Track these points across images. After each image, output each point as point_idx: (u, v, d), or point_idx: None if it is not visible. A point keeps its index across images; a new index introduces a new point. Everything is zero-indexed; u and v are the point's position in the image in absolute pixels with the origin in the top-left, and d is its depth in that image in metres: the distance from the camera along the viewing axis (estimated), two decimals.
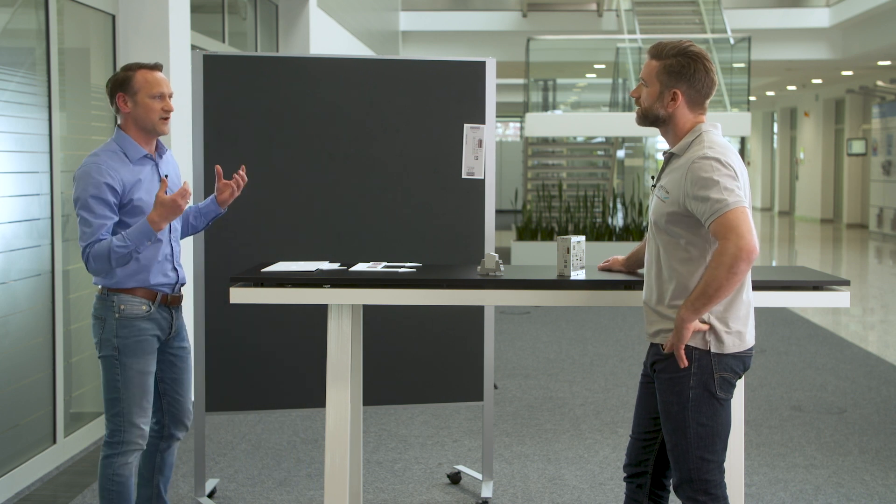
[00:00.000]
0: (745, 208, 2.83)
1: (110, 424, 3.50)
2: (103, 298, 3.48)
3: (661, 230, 2.98)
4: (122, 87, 3.47)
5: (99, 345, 3.49)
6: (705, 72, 2.97)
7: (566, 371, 7.16)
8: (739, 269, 2.79)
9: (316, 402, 4.37)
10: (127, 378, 3.47)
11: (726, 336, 2.92)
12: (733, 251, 2.78)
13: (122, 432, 3.49)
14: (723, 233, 2.80)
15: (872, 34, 16.02)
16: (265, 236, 4.33)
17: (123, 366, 3.47)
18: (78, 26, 5.32)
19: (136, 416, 3.50)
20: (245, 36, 8.31)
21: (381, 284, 3.46)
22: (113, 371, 3.47)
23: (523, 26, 17.71)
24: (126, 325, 3.47)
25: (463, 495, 4.56)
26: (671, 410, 2.96)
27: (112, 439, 3.51)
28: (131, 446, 3.51)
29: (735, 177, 2.85)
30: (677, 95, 2.97)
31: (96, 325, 3.50)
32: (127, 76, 3.48)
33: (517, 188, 19.29)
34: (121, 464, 3.50)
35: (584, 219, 13.73)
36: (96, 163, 3.40)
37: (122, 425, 3.49)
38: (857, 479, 4.79)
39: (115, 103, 3.50)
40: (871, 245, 17.62)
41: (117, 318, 3.46)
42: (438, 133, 4.41)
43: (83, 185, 3.37)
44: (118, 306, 3.46)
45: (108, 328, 3.47)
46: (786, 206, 26.48)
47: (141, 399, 3.52)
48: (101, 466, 3.52)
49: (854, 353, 7.83)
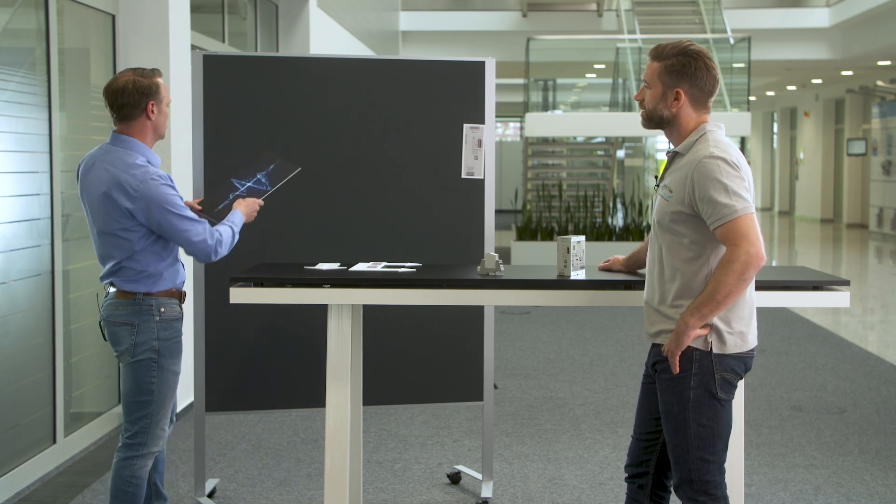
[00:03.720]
0: (753, 214, 2.84)
1: (134, 427, 3.49)
2: (136, 303, 3.45)
3: (664, 229, 2.98)
4: (153, 94, 3.44)
5: (132, 349, 3.45)
6: (706, 70, 2.97)
7: (566, 371, 7.16)
8: (748, 275, 2.81)
9: (316, 402, 4.37)
10: (162, 380, 3.49)
11: (728, 336, 2.92)
12: (744, 258, 2.79)
13: (146, 434, 3.50)
14: (732, 239, 2.80)
15: (872, 34, 16.02)
16: (265, 236, 4.33)
17: (161, 368, 3.48)
18: (78, 26, 5.32)
19: (163, 420, 3.53)
20: (245, 36, 8.31)
21: (381, 284, 3.46)
22: (148, 374, 3.46)
23: (523, 26, 17.70)
24: (166, 327, 3.49)
25: (463, 495, 4.56)
26: (672, 411, 2.96)
27: (134, 441, 3.50)
28: (153, 449, 3.53)
29: (742, 178, 2.86)
30: (680, 95, 2.97)
31: (125, 330, 3.45)
32: (154, 84, 3.44)
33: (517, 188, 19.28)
34: (140, 466, 3.50)
35: (584, 219, 13.73)
36: (156, 176, 3.38)
37: (148, 427, 3.50)
38: (857, 479, 4.79)
39: (142, 111, 3.43)
40: (871, 245, 17.62)
41: (158, 321, 3.46)
42: (438, 133, 4.41)
43: (163, 193, 3.36)
44: (157, 309, 3.46)
45: (146, 331, 3.45)
46: (786, 206, 26.48)
47: (170, 402, 3.55)
48: (118, 467, 3.50)
49: (854, 353, 7.83)
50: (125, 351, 3.47)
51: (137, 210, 3.36)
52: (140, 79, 3.42)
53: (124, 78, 3.43)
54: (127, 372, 3.50)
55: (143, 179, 3.36)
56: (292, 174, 3.88)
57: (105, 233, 3.42)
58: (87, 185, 3.46)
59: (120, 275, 3.45)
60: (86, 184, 3.47)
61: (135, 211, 3.36)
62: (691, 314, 2.86)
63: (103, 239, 3.45)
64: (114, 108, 3.44)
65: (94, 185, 3.42)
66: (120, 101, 3.42)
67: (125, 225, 3.38)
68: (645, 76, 3.04)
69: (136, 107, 3.42)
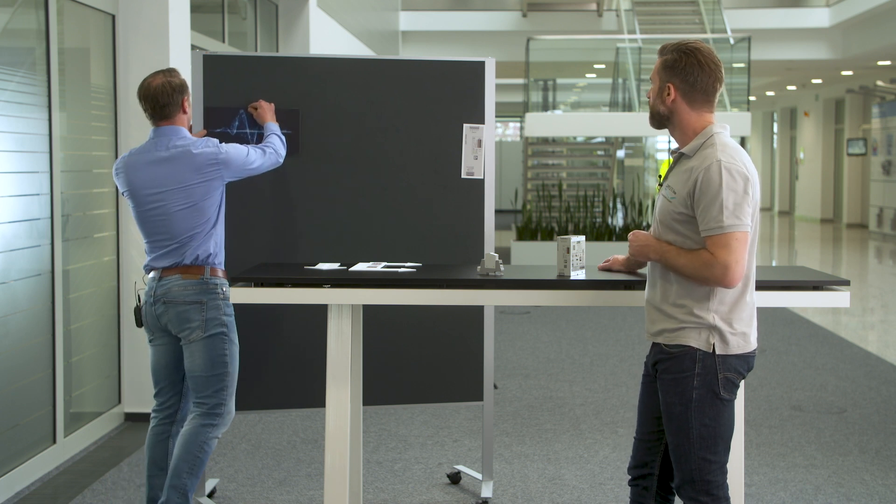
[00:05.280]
0: (746, 233, 2.84)
1: (213, 399, 3.78)
2: (203, 283, 3.75)
3: (666, 229, 2.98)
4: (186, 90, 3.81)
5: (204, 325, 3.74)
6: (698, 66, 2.95)
7: (566, 371, 7.17)
8: (710, 284, 2.87)
9: (316, 402, 4.37)
10: (232, 353, 3.82)
11: (731, 337, 2.92)
12: (720, 273, 2.82)
13: (224, 405, 3.80)
14: (718, 252, 2.82)
15: (872, 34, 16.03)
16: (265, 236, 4.33)
17: (231, 342, 3.82)
18: (78, 26, 5.32)
19: (234, 393, 3.85)
20: (245, 36, 8.31)
21: (381, 284, 3.46)
22: (222, 347, 3.78)
23: (523, 26, 17.70)
24: (228, 304, 3.82)
25: (463, 495, 4.56)
26: (674, 411, 2.95)
27: (214, 411, 3.78)
28: (227, 420, 3.82)
29: (745, 190, 2.84)
30: (671, 90, 2.97)
31: (194, 309, 3.74)
32: (183, 81, 3.82)
33: (517, 188, 19.27)
34: (213, 436, 3.79)
35: (584, 219, 13.73)
36: (213, 141, 3.80)
37: (225, 399, 3.80)
38: (857, 479, 4.79)
39: (179, 107, 3.78)
40: (871, 245, 17.62)
41: (223, 299, 3.79)
42: (438, 133, 4.41)
43: (235, 153, 3.79)
44: (221, 288, 3.80)
45: (214, 308, 3.76)
46: (786, 205, 26.49)
47: (236, 375, 3.86)
48: (193, 433, 3.75)
49: (854, 353, 7.83)
50: (196, 328, 3.74)
51: (223, 174, 3.74)
52: (172, 79, 3.77)
53: (158, 80, 3.76)
54: (198, 349, 3.75)
55: (210, 145, 3.75)
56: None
57: (188, 207, 3.70)
58: (152, 174, 3.71)
59: (189, 247, 3.72)
60: (148, 174, 3.72)
61: (219, 176, 3.73)
62: (657, 247, 2.96)
63: (182, 215, 3.71)
64: (155, 108, 3.76)
65: (168, 170, 3.70)
66: (161, 102, 3.75)
67: (209, 196, 3.73)
68: (651, 73, 3.06)
69: (175, 104, 3.77)
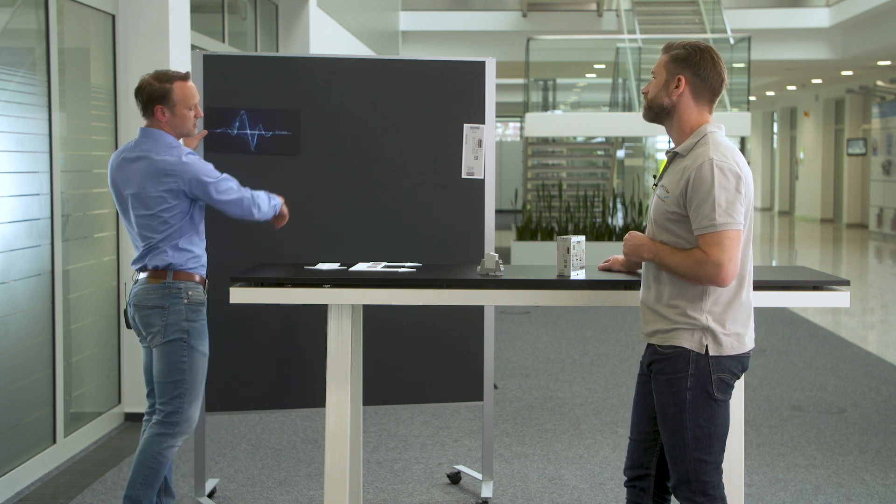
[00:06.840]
0: (739, 231, 2.84)
1: (168, 406, 3.68)
2: (166, 287, 3.67)
3: (661, 229, 2.98)
4: (162, 100, 3.67)
5: (163, 330, 3.65)
6: (712, 63, 2.96)
7: (566, 371, 7.16)
8: (703, 282, 2.87)
9: (316, 402, 4.36)
10: (193, 360, 3.70)
11: (724, 338, 2.91)
12: (713, 271, 2.82)
13: (179, 414, 3.69)
14: (711, 250, 2.82)
15: (872, 34, 16.02)
16: (265, 236, 4.33)
17: (192, 349, 3.70)
18: (78, 26, 5.32)
19: (196, 402, 3.73)
20: (245, 36, 8.31)
21: (381, 284, 3.46)
22: (179, 354, 3.67)
23: (523, 26, 17.70)
24: (194, 309, 3.71)
25: (463, 495, 4.56)
26: (668, 412, 2.95)
27: (167, 420, 3.69)
28: (185, 430, 3.72)
29: (738, 188, 2.84)
30: (681, 82, 2.96)
31: (155, 314, 3.66)
32: (165, 89, 3.67)
33: (517, 188, 19.27)
34: (168, 446, 3.69)
35: (584, 219, 13.73)
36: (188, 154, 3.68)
37: (181, 408, 3.69)
38: (857, 479, 4.79)
39: (151, 113, 3.69)
40: (871, 245, 17.62)
41: (186, 304, 3.68)
42: (438, 133, 4.41)
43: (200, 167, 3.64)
44: (186, 292, 3.69)
45: (175, 313, 3.66)
46: (786, 205, 26.48)
47: (201, 383, 3.74)
48: (147, 442, 3.67)
49: (854, 353, 7.83)
50: (157, 333, 3.67)
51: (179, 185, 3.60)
52: (154, 83, 3.69)
53: (143, 80, 3.72)
54: (159, 354, 3.69)
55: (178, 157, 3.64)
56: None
57: (146, 215, 3.63)
58: (125, 174, 3.68)
59: (154, 252, 3.65)
60: (122, 174, 3.69)
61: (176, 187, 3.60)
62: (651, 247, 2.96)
63: (142, 221, 3.63)
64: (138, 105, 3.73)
65: (132, 172, 3.65)
66: (137, 101, 3.72)
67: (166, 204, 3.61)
68: (653, 69, 3.05)
69: (146, 109, 3.71)
